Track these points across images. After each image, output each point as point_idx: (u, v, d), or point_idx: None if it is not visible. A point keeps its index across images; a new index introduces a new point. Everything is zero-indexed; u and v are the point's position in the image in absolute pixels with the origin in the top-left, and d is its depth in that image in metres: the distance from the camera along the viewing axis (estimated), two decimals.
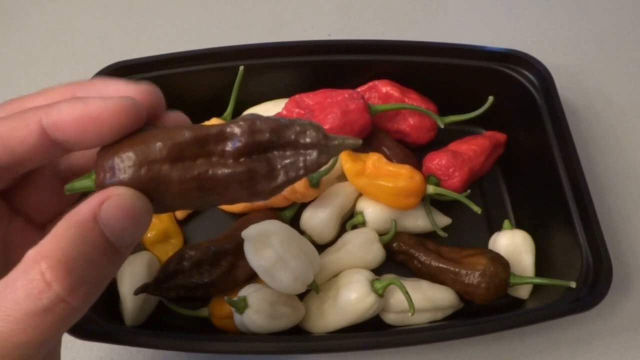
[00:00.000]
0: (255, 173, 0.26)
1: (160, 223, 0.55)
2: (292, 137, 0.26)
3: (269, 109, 0.59)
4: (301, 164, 0.26)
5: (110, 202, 0.24)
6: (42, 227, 0.31)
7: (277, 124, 0.26)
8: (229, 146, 0.26)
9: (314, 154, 0.26)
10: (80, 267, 0.23)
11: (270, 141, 0.26)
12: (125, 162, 0.25)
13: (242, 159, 0.26)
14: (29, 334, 0.22)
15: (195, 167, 0.25)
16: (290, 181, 0.26)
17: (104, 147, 0.26)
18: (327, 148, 0.26)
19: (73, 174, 0.30)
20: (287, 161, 0.26)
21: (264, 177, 0.26)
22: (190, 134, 0.25)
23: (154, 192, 0.25)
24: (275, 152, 0.26)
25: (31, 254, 0.22)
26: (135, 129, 0.26)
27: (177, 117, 0.29)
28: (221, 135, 0.26)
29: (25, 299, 0.22)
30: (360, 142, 0.26)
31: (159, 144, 0.25)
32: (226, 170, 0.25)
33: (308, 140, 0.26)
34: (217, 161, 0.26)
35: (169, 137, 0.25)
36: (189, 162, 0.25)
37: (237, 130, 0.25)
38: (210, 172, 0.25)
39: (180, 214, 0.58)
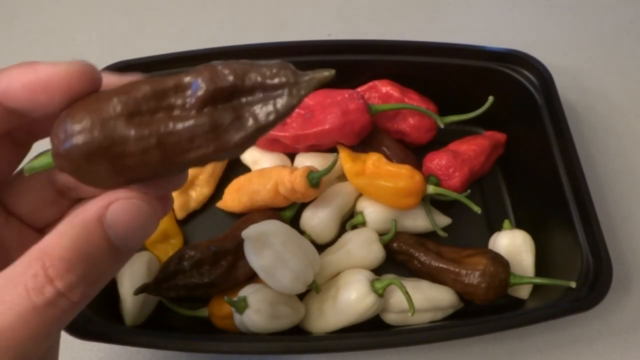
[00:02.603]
0: (221, 122, 0.23)
1: (161, 223, 0.55)
2: (259, 79, 0.23)
3: None
4: (271, 108, 0.23)
5: (117, 205, 0.24)
6: (40, 231, 0.31)
7: (241, 66, 0.23)
8: (190, 96, 0.23)
9: (284, 95, 0.23)
10: (81, 266, 0.23)
11: (234, 86, 0.23)
12: (77, 125, 0.23)
13: (205, 109, 0.23)
14: (30, 327, 0.22)
15: (154, 122, 0.23)
16: (261, 129, 0.24)
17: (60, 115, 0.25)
18: (298, 85, 0.23)
19: (68, 189, 0.30)
20: (256, 106, 0.23)
21: (231, 126, 0.23)
22: (147, 86, 0.23)
23: (112, 154, 0.23)
24: (242, 99, 0.24)
25: (34, 250, 0.23)
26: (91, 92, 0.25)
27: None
28: (180, 86, 0.23)
29: (28, 293, 0.22)
30: (333, 71, 0.23)
31: (113, 101, 0.23)
32: (187, 123, 0.23)
33: (276, 80, 0.23)
34: (178, 115, 0.23)
35: (123, 92, 0.23)
36: (147, 117, 0.23)
37: (197, 78, 0.23)
38: (170, 125, 0.23)
39: (180, 214, 0.58)
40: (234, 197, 0.56)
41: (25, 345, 0.22)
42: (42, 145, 0.27)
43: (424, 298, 0.49)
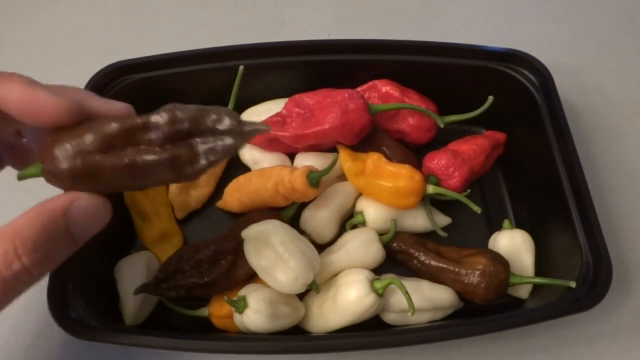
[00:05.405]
0: (179, 159, 0.30)
1: (160, 223, 0.55)
2: (210, 124, 0.30)
3: (269, 109, 0.59)
4: (219, 149, 0.30)
5: (80, 203, 0.30)
6: None
7: (196, 114, 0.30)
8: (154, 136, 0.30)
9: (229, 140, 0.30)
10: (45, 248, 0.28)
11: (190, 129, 0.30)
12: (63, 154, 0.29)
13: (167, 146, 0.30)
14: None
15: (126, 155, 0.29)
16: (210, 165, 0.30)
17: (49, 137, 0.30)
18: (242, 134, 0.30)
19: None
20: (207, 147, 0.30)
21: (187, 162, 0.30)
22: (118, 126, 0.29)
23: (91, 178, 0.29)
24: (197, 139, 0.30)
25: (5, 231, 0.28)
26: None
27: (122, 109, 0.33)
28: (146, 127, 0.30)
29: None
30: (269, 128, 0.30)
31: (90, 137, 0.29)
32: (153, 158, 0.29)
33: (224, 127, 0.30)
34: (145, 149, 0.29)
35: (99, 129, 0.29)
36: (119, 151, 0.29)
37: (160, 121, 0.29)
38: (139, 160, 0.29)
39: (180, 214, 0.57)
40: (234, 197, 0.56)
41: None
42: None
43: (424, 298, 0.49)
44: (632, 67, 0.71)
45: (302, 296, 0.50)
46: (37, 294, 0.53)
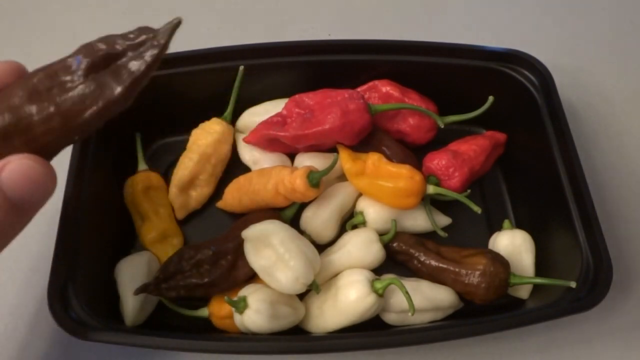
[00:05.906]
0: (103, 82, 0.29)
1: (161, 223, 0.55)
2: (126, 42, 0.30)
3: (269, 109, 0.59)
4: (140, 60, 0.29)
5: (11, 166, 0.27)
6: None
7: (110, 38, 0.30)
8: (75, 70, 0.29)
9: (149, 48, 0.30)
10: None
11: (108, 53, 0.30)
12: None
13: (90, 76, 0.29)
14: None
15: (51, 95, 0.29)
16: (136, 78, 0.29)
17: None
18: (157, 37, 0.30)
19: None
20: (129, 63, 0.30)
21: (112, 83, 0.29)
22: (40, 72, 0.30)
23: (21, 128, 0.29)
24: (117, 62, 0.30)
25: None
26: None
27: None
28: (66, 65, 0.30)
29: None
30: (180, 18, 0.31)
31: (16, 90, 0.29)
32: (77, 88, 0.29)
33: (139, 39, 0.30)
34: (69, 86, 0.29)
35: (24, 81, 0.30)
36: (44, 94, 0.29)
37: (78, 55, 0.30)
38: (63, 94, 0.29)
39: (180, 214, 0.58)
40: (234, 197, 0.56)
41: None
42: None
43: (424, 298, 0.49)
44: (632, 67, 0.71)
45: (302, 296, 0.50)
46: (37, 294, 0.53)
